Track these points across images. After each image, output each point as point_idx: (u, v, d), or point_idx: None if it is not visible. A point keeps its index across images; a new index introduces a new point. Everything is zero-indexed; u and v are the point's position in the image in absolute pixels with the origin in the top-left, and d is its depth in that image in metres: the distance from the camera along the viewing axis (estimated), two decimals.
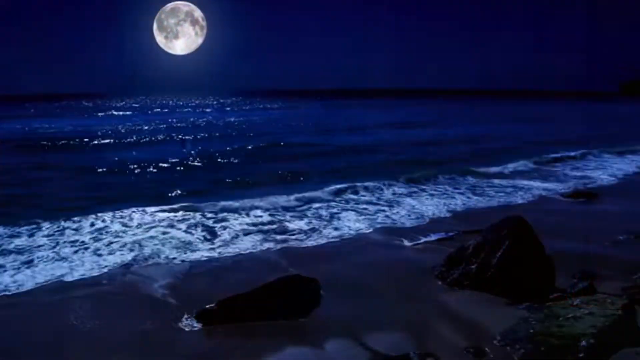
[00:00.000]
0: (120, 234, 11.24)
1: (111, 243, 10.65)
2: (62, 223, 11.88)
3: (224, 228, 11.71)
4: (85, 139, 31.69)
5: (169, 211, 13.18)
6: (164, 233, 11.35)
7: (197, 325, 6.91)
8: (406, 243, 10.52)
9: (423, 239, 10.68)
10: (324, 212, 13.14)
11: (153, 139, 33.07)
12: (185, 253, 10.09)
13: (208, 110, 78.32)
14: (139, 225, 11.90)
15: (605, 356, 5.46)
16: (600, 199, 14.74)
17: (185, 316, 7.12)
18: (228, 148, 27.03)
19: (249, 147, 27.38)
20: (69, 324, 7.06)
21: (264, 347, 6.33)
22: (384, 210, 13.40)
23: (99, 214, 12.71)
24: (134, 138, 33.36)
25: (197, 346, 6.47)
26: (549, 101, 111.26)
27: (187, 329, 6.84)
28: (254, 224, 12.01)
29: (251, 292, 7.21)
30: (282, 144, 28.85)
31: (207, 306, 7.15)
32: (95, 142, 30.96)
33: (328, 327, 6.79)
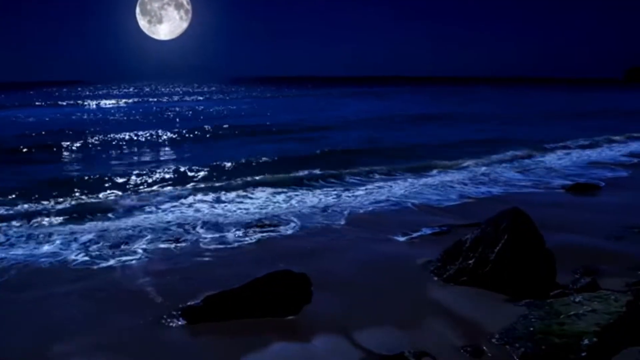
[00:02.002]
0: (102, 228, 11.16)
1: (91, 236, 10.56)
2: (38, 213, 11.83)
3: (211, 221, 11.64)
4: (66, 130, 31.38)
5: (153, 203, 13.09)
6: (147, 226, 11.27)
7: (182, 323, 6.84)
8: (400, 237, 10.47)
9: (417, 233, 10.63)
10: (313, 207, 13.09)
11: (134, 129, 32.75)
12: (170, 247, 10.01)
13: (191, 99, 77.70)
14: (120, 218, 11.82)
15: (608, 355, 5.43)
16: (602, 191, 14.75)
17: (170, 313, 7.04)
18: (216, 141, 26.89)
19: (240, 139, 27.22)
20: (47, 321, 6.98)
21: (252, 345, 6.26)
22: (377, 203, 13.38)
23: (78, 205, 12.63)
24: (113, 128, 33.11)
25: (182, 345, 6.40)
26: (551, 89, 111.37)
27: (171, 327, 6.77)
28: (242, 217, 11.94)
29: (239, 288, 7.13)
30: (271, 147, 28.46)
31: (193, 303, 7.09)
32: (77, 133, 30.61)
33: (319, 325, 6.73)
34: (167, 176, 17.59)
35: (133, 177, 17.38)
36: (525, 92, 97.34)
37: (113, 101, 68.84)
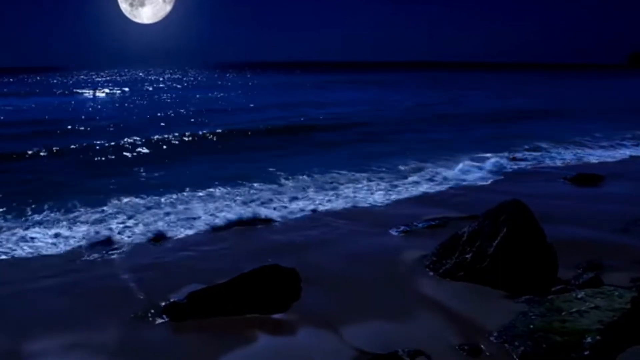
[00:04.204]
0: (85, 220, 11.09)
1: (72, 229, 10.51)
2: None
3: (196, 215, 11.57)
4: (52, 121, 31.07)
5: (138, 196, 13.01)
6: (130, 218, 11.22)
7: (165, 320, 6.79)
8: (393, 230, 10.41)
9: (412, 226, 10.56)
10: (304, 201, 13.03)
11: (118, 122, 32.48)
12: (152, 240, 9.99)
13: (176, 86, 77.21)
14: (104, 211, 11.74)
15: (612, 354, 5.41)
16: (606, 182, 14.70)
17: (153, 310, 6.99)
18: (203, 133, 26.79)
19: (236, 132, 27.12)
20: (22, 318, 6.95)
21: (237, 343, 6.21)
22: (370, 198, 13.36)
23: (62, 196, 12.59)
24: (98, 120, 32.91)
25: (164, 342, 6.36)
26: (552, 76, 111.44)
27: (154, 324, 6.72)
28: (229, 211, 11.87)
29: (225, 284, 7.09)
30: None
31: (177, 299, 7.04)
32: (64, 125, 30.20)
33: (308, 322, 6.68)
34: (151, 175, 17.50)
35: (121, 179, 17.23)
36: (526, 79, 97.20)
37: (92, 90, 67.69)
